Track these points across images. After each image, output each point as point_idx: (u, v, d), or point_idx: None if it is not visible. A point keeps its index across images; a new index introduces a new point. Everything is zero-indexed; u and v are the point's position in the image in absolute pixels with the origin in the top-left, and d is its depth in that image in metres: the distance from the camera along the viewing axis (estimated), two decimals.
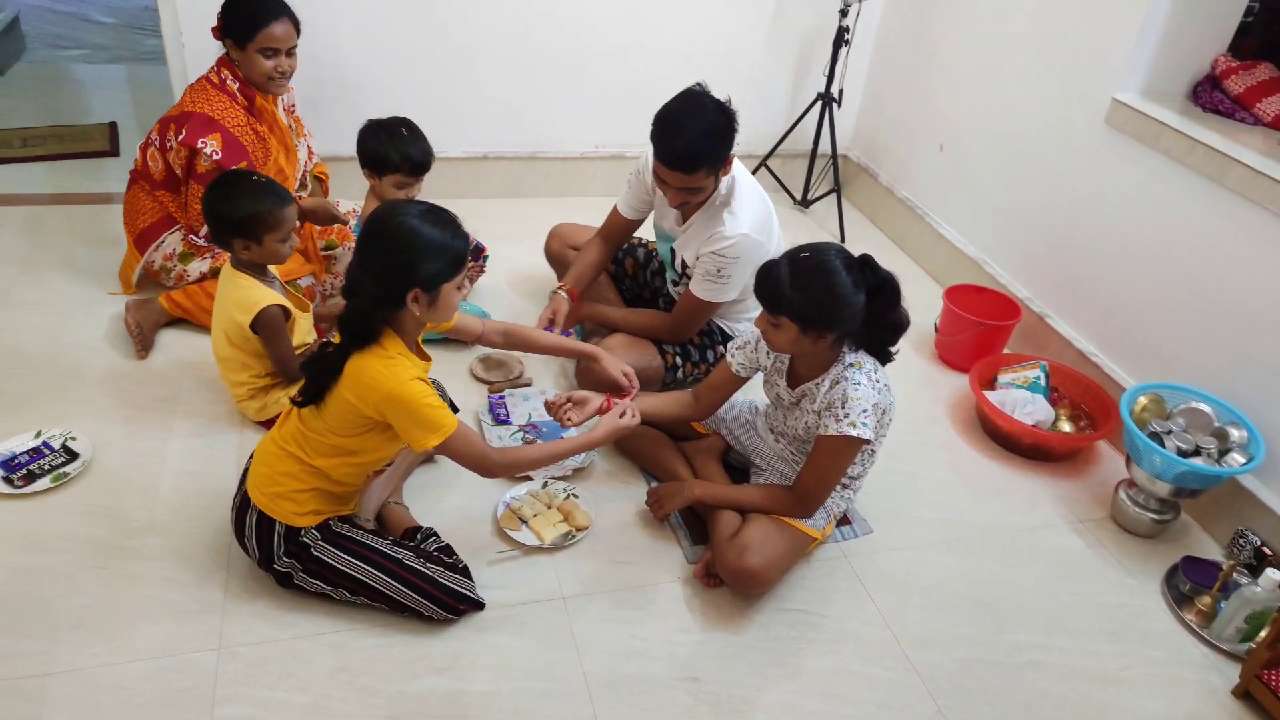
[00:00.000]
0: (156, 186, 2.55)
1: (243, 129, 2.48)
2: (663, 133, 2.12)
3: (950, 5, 3.24)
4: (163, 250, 2.59)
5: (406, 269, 1.61)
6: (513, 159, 3.54)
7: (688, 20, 3.42)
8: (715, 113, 2.11)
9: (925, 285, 3.33)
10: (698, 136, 2.08)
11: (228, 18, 2.45)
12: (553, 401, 2.07)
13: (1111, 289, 2.63)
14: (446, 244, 1.63)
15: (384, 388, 1.62)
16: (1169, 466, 2.12)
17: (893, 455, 2.33)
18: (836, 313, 1.77)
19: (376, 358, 1.64)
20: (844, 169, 3.84)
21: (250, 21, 2.42)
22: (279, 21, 2.44)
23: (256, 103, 2.53)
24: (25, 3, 4.96)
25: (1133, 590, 2.13)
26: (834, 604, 2.00)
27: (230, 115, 2.47)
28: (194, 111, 2.45)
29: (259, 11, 2.43)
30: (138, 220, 2.60)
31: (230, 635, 1.75)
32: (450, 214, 1.68)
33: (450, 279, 1.66)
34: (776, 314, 1.80)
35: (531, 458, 1.95)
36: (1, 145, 3.45)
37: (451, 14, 3.18)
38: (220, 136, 2.43)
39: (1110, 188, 2.61)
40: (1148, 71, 2.53)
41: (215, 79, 2.50)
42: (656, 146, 2.13)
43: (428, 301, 1.64)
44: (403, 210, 1.64)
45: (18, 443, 2.10)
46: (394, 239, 1.61)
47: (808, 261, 1.78)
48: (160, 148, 2.49)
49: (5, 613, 1.73)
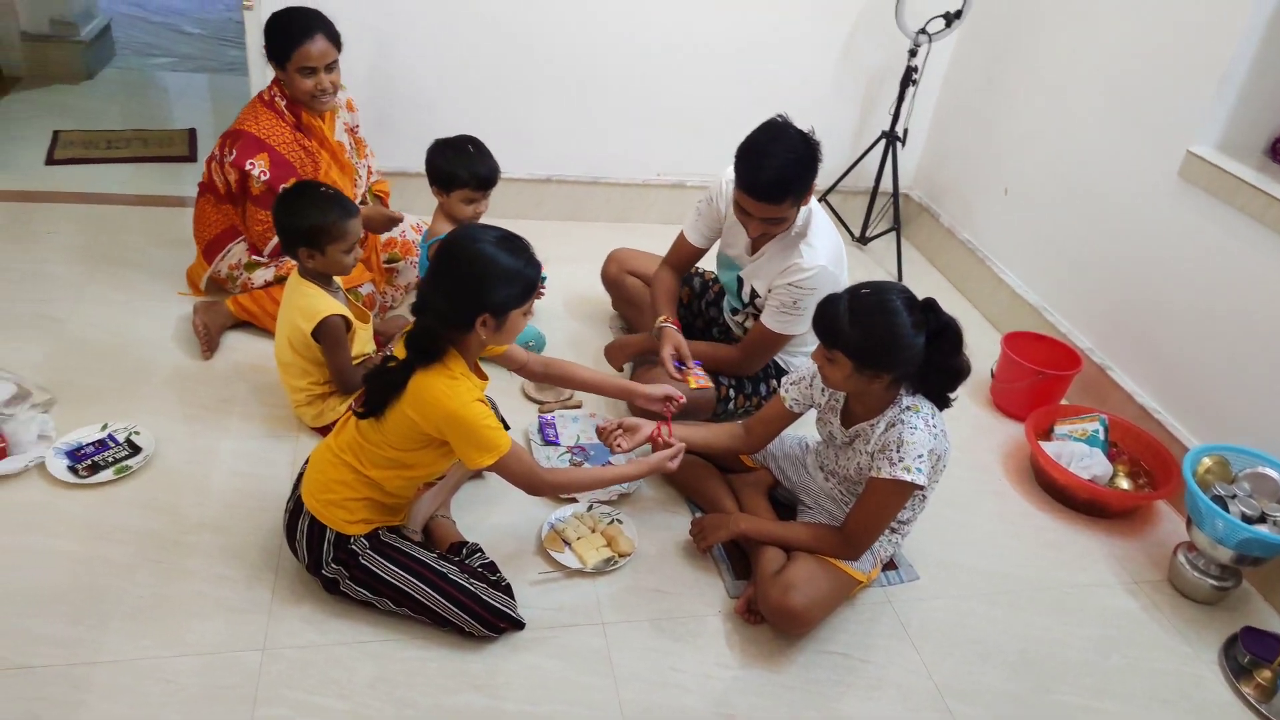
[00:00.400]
0: (221, 200, 2.62)
1: (289, 146, 2.53)
2: (748, 163, 2.10)
3: (1023, 49, 3.22)
4: (228, 260, 2.66)
5: (478, 294, 1.64)
6: (575, 182, 3.59)
7: (756, 55, 3.44)
8: (800, 142, 2.10)
9: (983, 330, 3.28)
10: (784, 166, 2.07)
11: (268, 39, 2.49)
12: (603, 427, 2.08)
13: (1178, 344, 2.57)
14: (519, 271, 1.67)
15: (446, 407, 1.65)
16: (1232, 532, 2.06)
17: (943, 502, 2.30)
18: (894, 354, 1.75)
19: (440, 376, 1.67)
20: (904, 208, 3.82)
21: (286, 42, 2.45)
22: (313, 40, 2.45)
23: (304, 119, 2.57)
24: (119, 11, 5.18)
25: (1188, 658, 2.06)
26: (876, 649, 1.96)
27: (276, 133, 2.52)
28: (243, 130, 2.50)
29: (294, 32, 2.45)
30: (205, 230, 2.67)
31: (275, 636, 1.78)
32: (524, 241, 1.71)
33: (519, 306, 1.70)
34: (832, 349, 1.79)
35: (579, 480, 1.97)
36: (89, 146, 3.59)
37: (522, 38, 3.25)
38: (267, 156, 2.48)
39: (1181, 241, 2.56)
40: (1225, 125, 2.48)
41: (266, 96, 2.56)
42: (741, 176, 2.12)
43: (495, 326, 1.68)
44: (479, 236, 1.68)
45: (84, 434, 2.17)
46: (469, 264, 1.65)
47: (869, 299, 1.76)
48: (220, 161, 2.55)
49: (63, 600, 1.79)
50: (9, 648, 1.68)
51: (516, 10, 3.19)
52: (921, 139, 3.79)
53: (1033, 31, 3.17)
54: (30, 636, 1.70)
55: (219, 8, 5.67)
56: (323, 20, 2.50)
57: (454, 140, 2.46)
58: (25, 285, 2.71)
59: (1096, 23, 2.87)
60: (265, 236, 2.57)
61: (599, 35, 3.30)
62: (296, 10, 2.48)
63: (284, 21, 2.48)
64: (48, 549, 1.89)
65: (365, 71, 3.16)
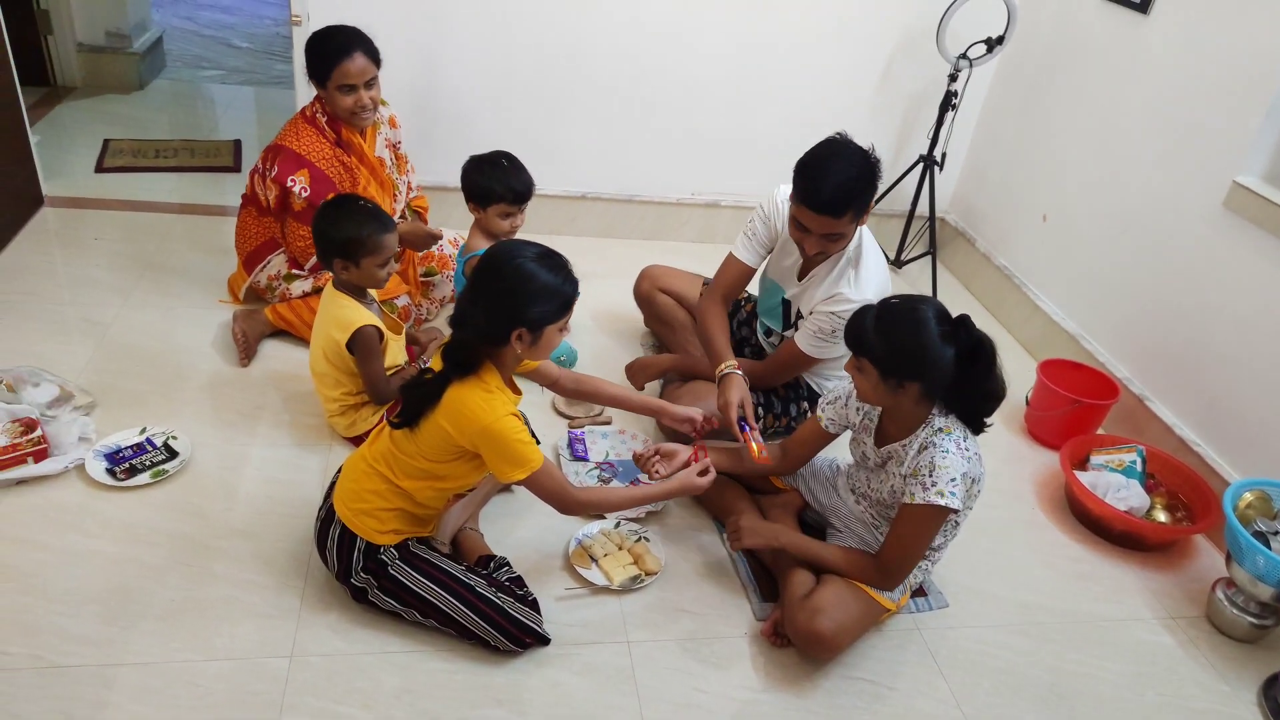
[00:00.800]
0: (263, 212, 2.66)
1: (329, 162, 2.57)
2: (809, 178, 2.07)
3: (1065, 76, 3.20)
4: (268, 271, 2.71)
5: (516, 308, 1.66)
6: (610, 200, 3.61)
7: (796, 77, 3.45)
8: (861, 158, 2.07)
9: (1018, 356, 3.25)
10: (847, 180, 2.04)
11: (308, 58, 2.52)
12: (641, 454, 2.09)
13: (1220, 377, 2.52)
14: (557, 288, 1.68)
15: (481, 421, 1.66)
16: (1273, 569, 2.01)
17: (974, 529, 2.27)
18: (919, 362, 1.74)
19: (476, 390, 1.68)
20: (941, 232, 3.80)
21: (325, 61, 2.48)
22: (352, 58, 2.47)
23: (343, 135, 2.61)
24: (171, 25, 5.32)
25: (1226, 697, 2.01)
26: (903, 677, 1.93)
27: (317, 149, 2.56)
28: (284, 146, 2.55)
29: (332, 50, 2.48)
30: (247, 241, 2.72)
31: (303, 644, 1.79)
32: (563, 259, 1.73)
33: (555, 321, 1.71)
34: (860, 357, 1.80)
35: (610, 500, 1.97)
36: (138, 155, 3.68)
37: (563, 59, 3.29)
38: (308, 172, 2.53)
39: (1225, 272, 2.52)
40: (1272, 155, 2.44)
41: (309, 112, 2.60)
42: (802, 191, 2.08)
43: (530, 340, 1.69)
44: (520, 252, 1.70)
45: (123, 437, 2.21)
46: (508, 279, 1.67)
47: (897, 308, 1.77)
48: (263, 176, 2.59)
49: (97, 600, 1.82)
50: (44, 646, 1.71)
51: (559, 33, 3.23)
52: (959, 163, 3.77)
53: (1074, 58, 3.15)
54: (65, 635, 1.73)
55: (268, 23, 5.81)
56: (361, 38, 2.53)
57: (489, 156, 2.49)
58: (72, 290, 2.78)
59: (1140, 50, 2.84)
60: (307, 252, 2.62)
61: (637, 57, 3.33)
62: (335, 29, 2.53)
63: (323, 40, 2.51)
64: (84, 550, 1.92)
65: (410, 88, 3.21)
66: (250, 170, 2.66)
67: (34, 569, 1.86)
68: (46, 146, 3.53)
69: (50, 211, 3.20)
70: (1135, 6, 2.85)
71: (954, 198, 3.86)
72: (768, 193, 2.37)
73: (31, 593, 1.81)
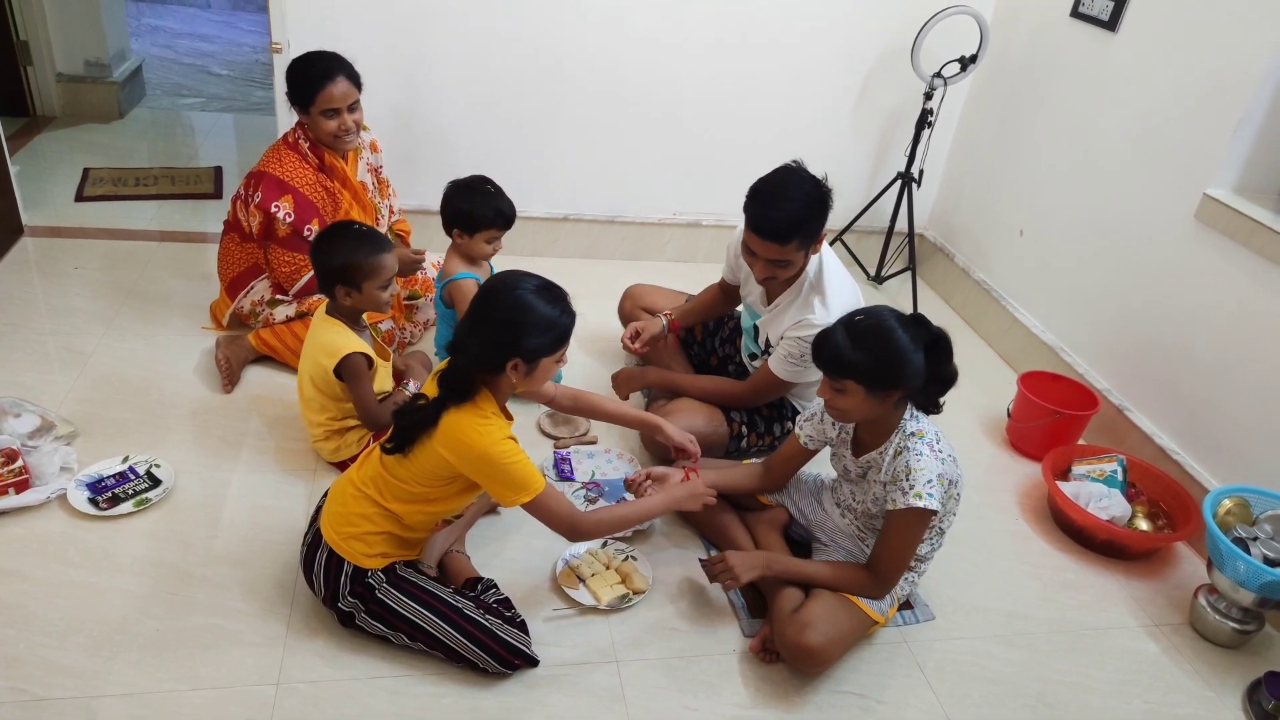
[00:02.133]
0: (246, 239, 2.66)
1: (312, 187, 2.58)
2: (758, 203, 2.12)
3: (1038, 92, 3.25)
4: (251, 296, 2.71)
5: (512, 340, 1.67)
6: (591, 221, 3.63)
7: (773, 96, 3.49)
8: (812, 186, 2.12)
9: (999, 369, 3.28)
10: (794, 209, 2.09)
11: (289, 84, 2.53)
12: (633, 479, 2.09)
13: (1197, 386, 2.56)
14: (555, 321, 1.70)
15: (478, 446, 1.67)
16: (1254, 575, 2.03)
17: (959, 541, 2.28)
18: (901, 369, 1.78)
19: (472, 416, 1.69)
20: (920, 248, 3.84)
21: (307, 86, 2.49)
22: (334, 82, 2.49)
23: (326, 160, 2.61)
24: (151, 53, 5.33)
25: (1210, 703, 2.03)
26: (892, 690, 1.94)
27: (299, 175, 2.56)
28: (267, 172, 2.55)
29: (314, 75, 2.49)
30: (230, 268, 2.71)
31: (290, 671, 1.78)
32: (562, 291, 1.75)
33: (551, 354, 1.73)
34: (841, 379, 1.81)
35: (614, 518, 1.89)
36: (118, 183, 3.68)
37: (544, 80, 3.31)
38: (291, 198, 2.53)
39: (1198, 283, 2.56)
40: (1242, 167, 2.49)
41: (291, 138, 2.61)
42: (751, 216, 2.13)
43: (526, 371, 1.71)
44: (519, 283, 1.71)
45: (105, 466, 2.20)
46: (507, 310, 1.68)
47: (864, 324, 1.80)
48: (245, 202, 2.59)
49: (80, 631, 1.80)
50: (27, 678, 1.69)
51: (540, 56, 3.26)
52: (937, 180, 3.82)
53: (1047, 75, 3.20)
54: (49, 667, 1.71)
55: (247, 50, 5.83)
56: (342, 62, 2.55)
57: (470, 181, 2.49)
58: (53, 319, 2.77)
59: (1111, 67, 2.90)
60: (291, 278, 2.62)
61: (618, 79, 3.36)
62: (317, 54, 2.54)
63: (305, 65, 2.52)
64: (67, 580, 1.91)
65: (392, 111, 3.23)
66: (232, 197, 2.67)
67: (16, 600, 1.84)
68: (26, 176, 3.52)
69: (30, 241, 3.19)
70: (1104, 24, 2.90)
71: (932, 214, 3.91)
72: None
73: (14, 624, 1.79)
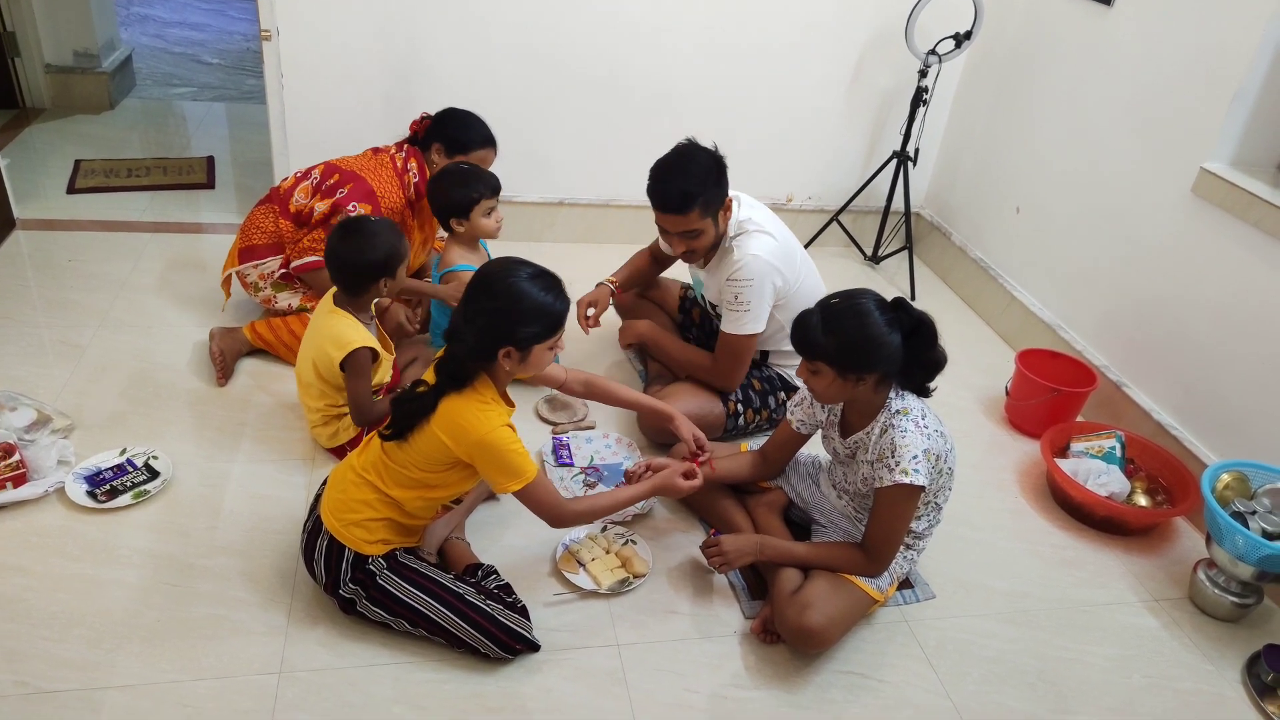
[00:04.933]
0: (285, 215, 2.63)
1: (394, 213, 2.60)
2: (655, 180, 2.23)
3: (1033, 69, 3.23)
4: (261, 269, 2.67)
5: (505, 328, 1.68)
6: (588, 205, 3.62)
7: (769, 78, 3.47)
8: (704, 156, 2.22)
9: (996, 347, 3.27)
10: (688, 179, 2.19)
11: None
12: (632, 470, 2.09)
13: (1195, 361, 2.55)
14: (547, 308, 1.70)
15: (477, 432, 1.68)
16: (1253, 549, 2.03)
17: (958, 520, 2.29)
18: (872, 353, 1.78)
19: (471, 401, 1.70)
20: (916, 227, 3.83)
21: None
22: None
23: (421, 200, 2.65)
24: (140, 43, 5.29)
25: (1210, 677, 2.04)
26: (893, 669, 1.95)
27: (390, 196, 2.58)
28: (364, 178, 2.56)
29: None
30: (252, 236, 2.67)
31: (292, 659, 1.78)
32: (556, 279, 1.75)
33: (544, 341, 1.73)
34: (813, 360, 1.82)
35: (599, 506, 1.92)
36: (110, 175, 3.66)
37: (538, 65, 3.29)
38: (371, 209, 2.53)
39: (1196, 258, 2.55)
40: (1238, 142, 2.48)
41: (399, 164, 2.62)
42: (651, 194, 2.24)
43: (519, 358, 1.71)
44: (514, 270, 1.71)
45: (103, 459, 2.19)
46: (500, 298, 1.69)
47: (839, 306, 1.80)
48: (316, 187, 2.58)
49: (82, 623, 1.80)
50: (30, 671, 1.69)
51: (533, 40, 3.24)
52: (932, 158, 3.80)
53: (1042, 51, 3.18)
54: (50, 660, 1.72)
55: (237, 38, 5.79)
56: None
57: (448, 170, 2.51)
58: (48, 312, 2.76)
59: (1105, 41, 2.88)
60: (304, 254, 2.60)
61: (613, 62, 3.33)
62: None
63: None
64: (67, 573, 1.91)
65: (385, 98, 3.22)
66: (298, 174, 2.65)
67: (16, 594, 1.84)
68: (17, 169, 3.51)
69: (23, 234, 3.18)
70: None
71: (929, 192, 3.90)
72: None
73: (15, 618, 1.79)
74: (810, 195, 3.79)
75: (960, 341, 3.25)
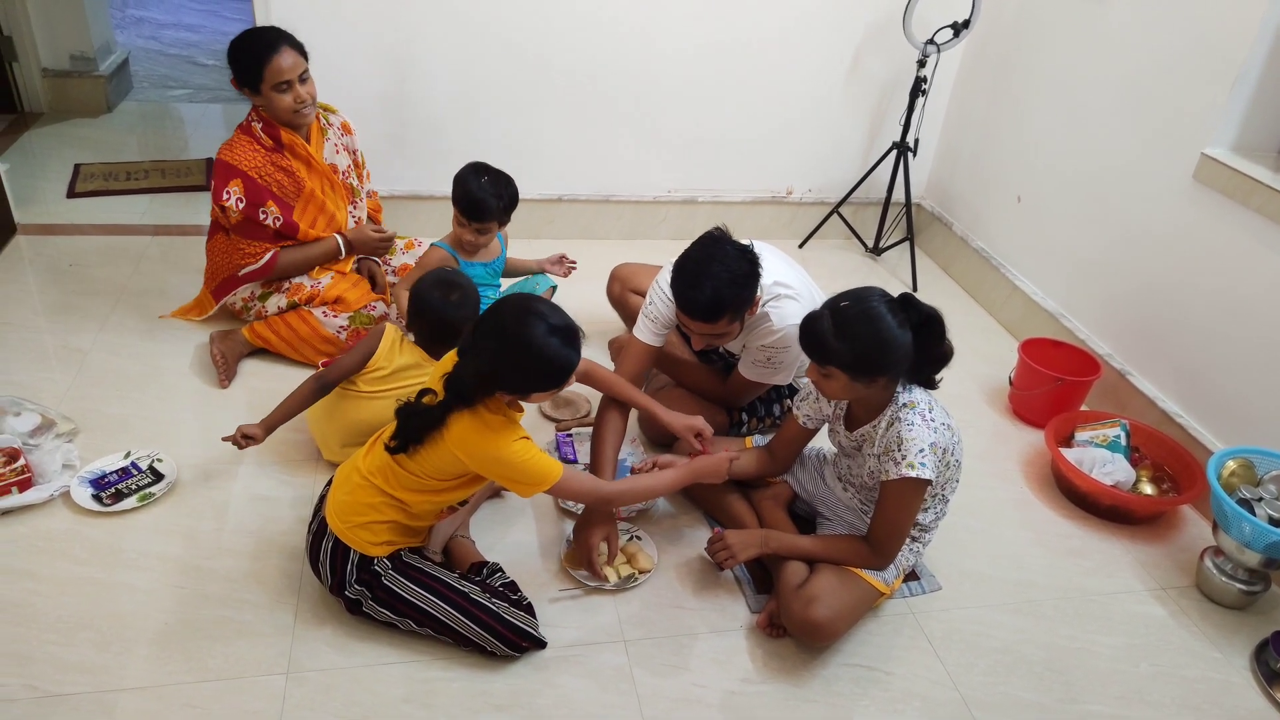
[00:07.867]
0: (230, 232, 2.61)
1: (263, 169, 2.55)
2: (684, 282, 1.99)
3: (1032, 57, 3.22)
4: (240, 294, 2.68)
5: (508, 375, 1.66)
6: (586, 201, 3.61)
7: (766, 70, 3.46)
8: (737, 259, 1.99)
9: (999, 337, 3.27)
10: (720, 285, 1.96)
11: (234, 67, 2.49)
12: (639, 467, 2.09)
13: (1199, 348, 2.55)
14: (560, 365, 1.67)
15: (491, 451, 1.68)
16: (1260, 536, 2.03)
17: (963, 510, 2.28)
18: (885, 356, 1.77)
19: (480, 420, 1.69)
20: (917, 218, 3.82)
21: (254, 64, 2.45)
22: (280, 54, 2.45)
23: (284, 139, 2.58)
24: (136, 45, 5.28)
25: (1218, 664, 2.03)
26: (900, 661, 1.95)
27: (248, 158, 2.53)
28: (219, 159, 2.53)
29: (259, 51, 2.45)
30: (219, 271, 2.67)
31: (299, 660, 1.78)
32: (576, 332, 1.70)
33: (544, 391, 1.71)
34: (825, 365, 1.80)
35: (641, 487, 1.94)
36: (109, 178, 3.65)
37: (534, 60, 3.28)
38: (240, 182, 2.50)
39: (1198, 244, 2.54)
40: (1239, 127, 2.47)
41: (244, 123, 2.59)
42: (678, 297, 2.02)
43: (511, 401, 1.73)
44: (533, 321, 1.64)
45: (108, 462, 2.19)
46: (511, 348, 1.64)
47: (850, 311, 1.78)
48: (214, 195, 2.56)
49: (90, 627, 1.80)
50: (39, 675, 1.69)
51: (528, 36, 3.23)
52: (932, 149, 3.79)
53: (1042, 38, 3.17)
54: (59, 664, 1.72)
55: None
56: (283, 34, 2.50)
57: (471, 165, 2.50)
58: (49, 317, 2.76)
59: (1107, 27, 2.87)
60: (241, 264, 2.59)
61: (608, 57, 3.32)
62: (256, 31, 2.50)
63: (247, 44, 2.48)
64: (74, 577, 1.91)
65: (379, 96, 3.21)
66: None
67: (24, 598, 1.85)
68: (16, 174, 3.50)
69: (23, 239, 3.18)
70: None
71: (929, 183, 3.89)
72: (663, 272, 2.19)
73: (23, 623, 1.79)
74: (810, 188, 3.79)
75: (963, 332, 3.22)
